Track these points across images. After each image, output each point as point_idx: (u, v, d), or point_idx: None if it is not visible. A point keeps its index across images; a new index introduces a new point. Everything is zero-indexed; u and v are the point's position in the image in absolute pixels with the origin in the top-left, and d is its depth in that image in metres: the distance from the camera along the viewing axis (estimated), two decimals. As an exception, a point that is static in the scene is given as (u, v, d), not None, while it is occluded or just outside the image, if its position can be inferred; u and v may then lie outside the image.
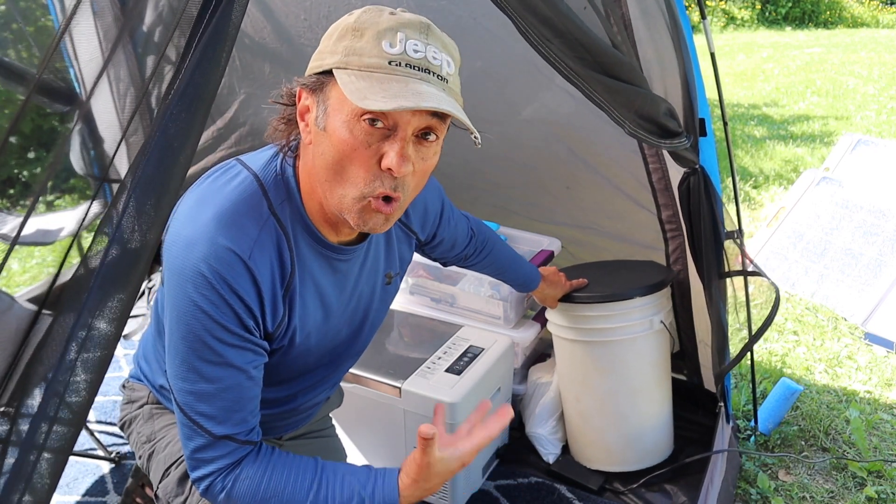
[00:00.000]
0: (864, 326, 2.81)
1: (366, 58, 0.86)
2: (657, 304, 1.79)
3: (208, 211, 0.93)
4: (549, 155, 2.06)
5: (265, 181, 0.98)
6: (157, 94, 0.73)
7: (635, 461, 1.90)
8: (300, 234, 1.01)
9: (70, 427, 0.76)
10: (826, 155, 4.47)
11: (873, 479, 2.02)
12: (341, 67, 0.87)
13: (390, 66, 0.85)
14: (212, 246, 0.91)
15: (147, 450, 1.23)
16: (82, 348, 0.73)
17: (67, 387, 0.74)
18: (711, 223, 1.52)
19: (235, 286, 0.92)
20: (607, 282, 1.80)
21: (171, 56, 0.73)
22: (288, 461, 1.00)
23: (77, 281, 0.72)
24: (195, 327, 0.92)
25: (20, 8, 1.64)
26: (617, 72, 1.15)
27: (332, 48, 0.89)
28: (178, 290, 0.92)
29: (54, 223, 2.43)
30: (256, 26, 2.23)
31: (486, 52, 1.83)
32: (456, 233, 1.42)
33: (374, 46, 0.86)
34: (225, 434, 0.96)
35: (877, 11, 12.70)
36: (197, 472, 0.98)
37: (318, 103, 0.91)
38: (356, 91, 0.83)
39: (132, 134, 0.73)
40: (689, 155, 1.43)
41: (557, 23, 1.04)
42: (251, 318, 0.95)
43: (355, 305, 1.16)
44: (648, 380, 1.83)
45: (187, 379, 0.94)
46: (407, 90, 0.84)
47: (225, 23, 0.73)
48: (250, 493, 0.97)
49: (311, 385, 1.21)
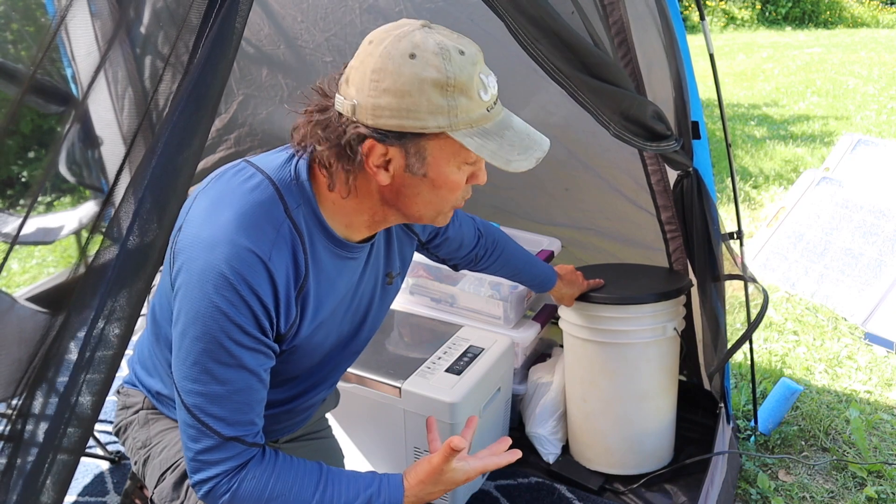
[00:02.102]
0: (864, 326, 2.81)
1: (472, 114, 0.92)
2: (672, 311, 1.78)
3: (227, 212, 0.94)
4: (547, 156, 2.04)
5: (280, 185, 0.99)
6: (162, 97, 0.73)
7: (635, 465, 1.90)
8: (316, 236, 1.02)
9: (81, 427, 0.76)
10: (826, 155, 4.47)
11: (873, 479, 2.02)
12: (451, 129, 0.91)
13: (489, 112, 0.94)
14: (233, 247, 0.91)
15: (142, 455, 1.22)
16: (92, 348, 0.73)
17: (78, 386, 0.74)
18: (704, 225, 1.53)
19: (256, 287, 0.93)
20: (624, 284, 1.80)
21: (174, 59, 0.73)
22: (293, 463, 1.02)
23: (86, 282, 0.72)
24: (212, 328, 0.92)
25: (20, 7, 1.64)
26: (601, 72, 1.15)
27: (428, 107, 0.89)
28: (196, 291, 0.92)
29: (55, 222, 2.43)
30: (253, 28, 2.23)
31: (483, 53, 1.83)
32: (462, 232, 1.43)
33: (478, 102, 0.92)
34: (234, 436, 0.96)
35: (877, 11, 12.70)
36: (200, 474, 0.97)
37: (410, 154, 0.93)
38: (493, 155, 0.92)
39: (131, 136, 0.73)
40: (681, 158, 1.43)
41: (545, 23, 1.05)
42: (267, 320, 0.96)
43: (357, 305, 1.17)
44: (656, 385, 1.83)
45: (199, 380, 0.94)
46: (522, 138, 0.97)
47: (229, 26, 0.74)
48: (256, 494, 0.97)
49: (311, 385, 1.21)
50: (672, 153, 1.38)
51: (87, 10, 1.04)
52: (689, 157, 1.46)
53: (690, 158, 1.47)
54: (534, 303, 2.10)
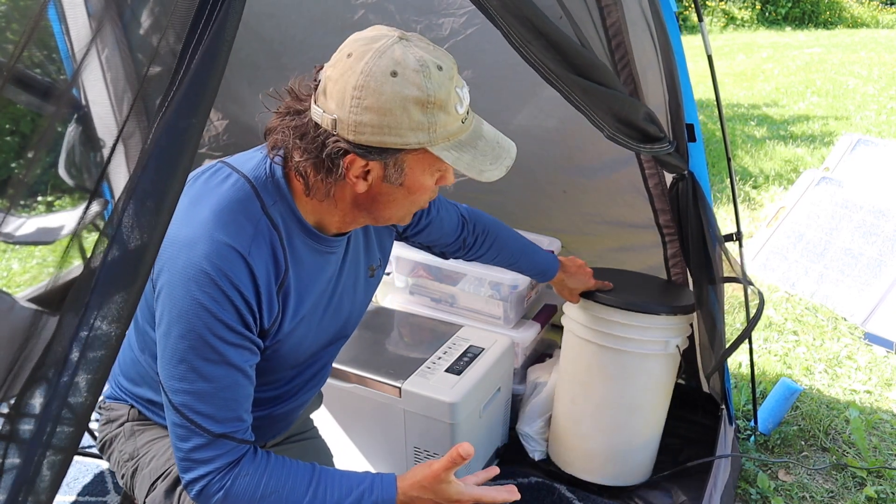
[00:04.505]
0: (864, 326, 2.81)
1: (449, 128, 0.94)
2: (678, 327, 1.73)
3: (204, 210, 0.95)
4: (545, 159, 2.06)
5: (256, 183, 1.01)
6: (156, 97, 0.73)
7: (613, 476, 1.86)
8: (294, 231, 1.03)
9: (73, 427, 0.76)
10: (826, 155, 4.47)
11: (873, 479, 2.03)
12: (430, 144, 0.93)
13: (464, 124, 0.96)
14: (213, 243, 0.93)
15: (130, 467, 1.21)
16: (86, 348, 0.73)
17: (71, 387, 0.74)
18: (699, 228, 1.53)
19: (237, 282, 0.94)
20: (633, 292, 1.75)
21: (169, 59, 0.73)
22: (285, 461, 1.03)
23: (80, 281, 0.72)
24: (197, 325, 0.93)
25: (20, 7, 1.64)
26: (591, 74, 1.16)
27: (409, 124, 0.91)
28: (179, 290, 0.93)
29: (55, 222, 2.43)
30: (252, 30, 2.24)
31: (475, 60, 1.84)
32: (441, 218, 1.42)
33: (454, 117, 0.94)
34: (223, 433, 0.97)
35: (877, 11, 12.70)
36: (192, 473, 0.97)
37: (388, 165, 0.96)
38: (468, 167, 0.95)
39: (129, 136, 0.73)
40: (675, 161, 1.43)
41: (536, 24, 1.06)
42: (250, 314, 0.97)
43: (339, 299, 1.18)
44: (649, 400, 1.79)
45: (186, 379, 0.95)
46: (493, 146, 0.99)
47: (223, 26, 0.74)
48: (249, 491, 0.98)
49: (297, 385, 1.22)
50: (666, 156, 1.38)
51: (85, 11, 1.04)
52: (685, 160, 1.46)
53: (686, 161, 1.47)
54: (534, 303, 2.10)
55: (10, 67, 0.62)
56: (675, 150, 1.40)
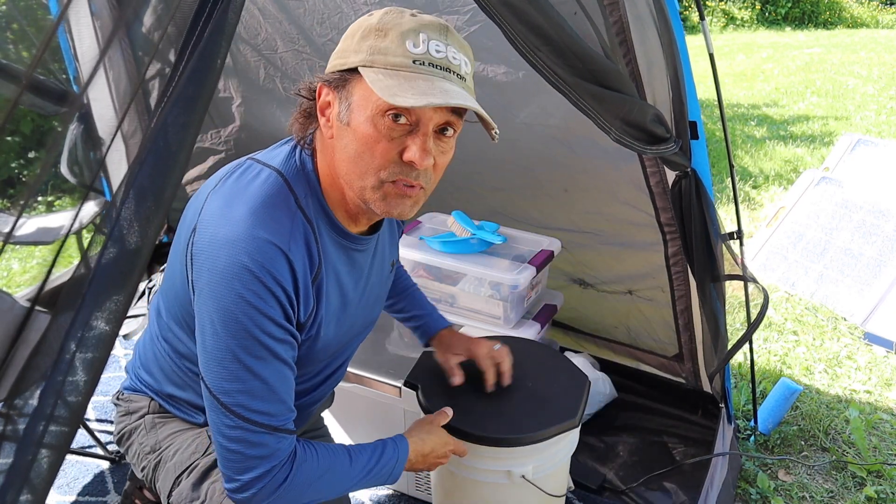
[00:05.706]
0: (864, 326, 2.82)
1: (391, 57, 0.91)
2: (525, 456, 1.32)
3: (241, 208, 0.95)
4: (546, 157, 2.06)
5: (288, 176, 1.01)
6: (154, 95, 0.73)
7: None
8: (323, 227, 1.04)
9: (67, 426, 0.76)
10: (826, 155, 4.47)
11: (873, 479, 2.03)
12: (367, 66, 0.91)
13: (414, 65, 0.91)
14: (253, 241, 0.93)
15: (152, 460, 1.20)
16: (80, 348, 0.73)
17: (65, 386, 0.74)
18: (702, 225, 1.53)
19: (279, 277, 0.94)
20: (492, 403, 1.37)
21: (167, 56, 0.73)
22: (319, 443, 1.08)
23: (76, 280, 0.72)
24: (246, 323, 0.93)
25: (21, 7, 1.64)
26: (606, 80, 1.15)
27: (355, 47, 0.93)
28: (223, 290, 0.93)
29: (55, 222, 2.43)
30: (251, 31, 2.24)
31: (478, 58, 1.83)
32: None
33: (399, 46, 0.91)
34: (280, 426, 0.99)
35: (877, 12, 12.70)
36: (251, 473, 0.97)
37: (341, 99, 0.95)
38: (385, 88, 0.88)
39: (131, 136, 0.73)
40: (679, 159, 1.43)
41: (548, 31, 1.05)
42: (292, 309, 0.98)
43: (368, 296, 1.19)
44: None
45: (238, 378, 0.95)
46: (434, 88, 0.89)
47: (221, 24, 0.74)
48: (312, 474, 1.03)
49: (321, 378, 1.23)
50: (671, 155, 1.39)
51: (88, 10, 1.04)
52: (688, 158, 1.46)
53: (689, 159, 1.47)
54: (534, 303, 2.10)
55: (29, 75, 0.62)
56: (679, 149, 1.40)
